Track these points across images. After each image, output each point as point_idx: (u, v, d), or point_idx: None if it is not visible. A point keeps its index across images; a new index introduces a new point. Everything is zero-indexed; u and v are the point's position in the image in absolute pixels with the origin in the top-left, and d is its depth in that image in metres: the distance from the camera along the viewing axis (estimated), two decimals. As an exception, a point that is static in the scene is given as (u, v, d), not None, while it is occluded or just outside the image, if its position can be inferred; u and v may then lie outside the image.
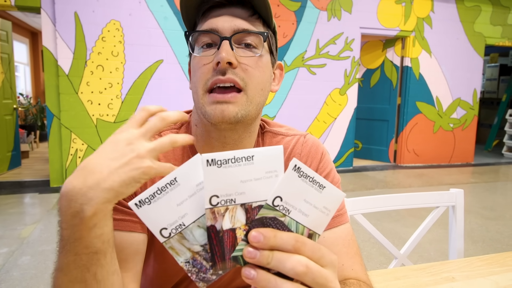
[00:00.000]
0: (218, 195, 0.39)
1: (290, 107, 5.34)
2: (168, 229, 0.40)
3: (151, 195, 0.39)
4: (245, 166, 0.38)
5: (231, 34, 0.66)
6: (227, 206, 0.39)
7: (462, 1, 6.12)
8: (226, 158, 0.38)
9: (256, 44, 0.68)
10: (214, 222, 0.39)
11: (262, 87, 0.69)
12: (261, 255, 0.37)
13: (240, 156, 0.38)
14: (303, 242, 0.39)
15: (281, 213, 0.40)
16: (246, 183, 0.39)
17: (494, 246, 3.03)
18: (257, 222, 0.40)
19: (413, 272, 0.92)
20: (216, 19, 0.67)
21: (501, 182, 5.44)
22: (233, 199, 0.39)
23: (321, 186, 0.40)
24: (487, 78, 9.12)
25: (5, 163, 5.11)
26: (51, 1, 4.27)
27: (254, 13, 0.69)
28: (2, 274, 2.43)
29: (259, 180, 0.39)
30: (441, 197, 1.28)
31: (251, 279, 0.37)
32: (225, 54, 0.63)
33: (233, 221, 0.39)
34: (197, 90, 0.68)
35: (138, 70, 4.64)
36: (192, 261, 0.41)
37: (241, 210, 0.39)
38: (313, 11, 5.32)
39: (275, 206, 0.39)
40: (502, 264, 0.96)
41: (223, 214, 0.39)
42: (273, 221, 0.40)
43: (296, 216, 0.40)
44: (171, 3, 4.66)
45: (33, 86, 9.36)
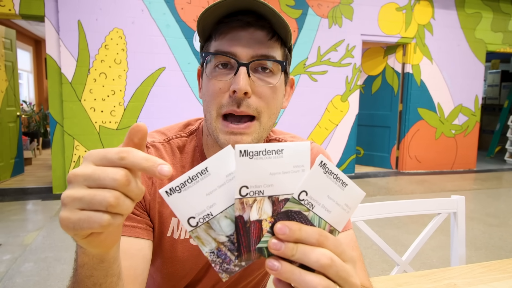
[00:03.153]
0: (248, 186, 0.39)
1: (292, 114, 5.35)
2: (196, 218, 0.40)
3: (182, 183, 0.39)
4: (275, 159, 0.39)
5: (249, 60, 0.65)
6: (255, 197, 0.40)
7: (463, 8, 6.14)
8: (257, 150, 0.39)
9: (273, 69, 0.68)
10: (242, 212, 0.40)
11: (274, 112, 0.70)
12: (286, 247, 0.38)
13: (270, 149, 0.39)
14: (326, 236, 0.40)
15: (305, 208, 0.41)
16: (274, 176, 0.40)
17: (497, 253, 3.01)
18: (282, 215, 0.40)
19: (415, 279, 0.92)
20: (234, 41, 0.65)
21: (504, 188, 5.42)
22: (262, 190, 0.40)
23: (344, 184, 0.41)
24: (489, 84, 9.13)
25: (8, 170, 5.13)
26: (54, 9, 4.32)
27: (274, 35, 0.67)
28: (5, 281, 2.43)
29: (287, 173, 0.40)
30: (443, 204, 1.28)
31: (275, 270, 0.38)
32: (242, 85, 0.63)
33: (260, 213, 0.40)
34: (210, 111, 0.68)
35: (141, 78, 4.67)
36: (217, 252, 0.42)
37: (268, 202, 0.40)
38: (314, 19, 5.35)
39: (300, 200, 0.41)
40: (504, 270, 0.97)
41: (251, 205, 0.40)
42: (298, 214, 0.41)
43: (319, 211, 0.42)
44: (173, 11, 4.70)
45: (36, 93, 9.42)
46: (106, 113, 4.59)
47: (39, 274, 2.53)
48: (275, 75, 0.68)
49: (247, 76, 0.64)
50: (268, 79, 0.67)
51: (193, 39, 4.79)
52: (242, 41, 0.65)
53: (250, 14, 0.65)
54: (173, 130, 0.81)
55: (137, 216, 0.71)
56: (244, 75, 0.64)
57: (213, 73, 0.67)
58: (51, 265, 2.67)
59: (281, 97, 0.72)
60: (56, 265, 2.67)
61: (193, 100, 4.89)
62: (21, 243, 3.07)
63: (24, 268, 2.61)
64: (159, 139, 0.78)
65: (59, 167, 4.54)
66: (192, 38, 4.79)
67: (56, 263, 2.71)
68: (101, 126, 4.58)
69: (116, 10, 4.49)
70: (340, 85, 5.60)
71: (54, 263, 2.70)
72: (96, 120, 4.56)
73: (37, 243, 3.07)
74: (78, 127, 4.51)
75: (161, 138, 0.78)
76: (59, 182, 4.56)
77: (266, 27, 0.66)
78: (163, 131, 0.81)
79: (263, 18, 0.66)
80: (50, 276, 2.51)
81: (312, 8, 5.32)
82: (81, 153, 4.55)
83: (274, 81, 0.68)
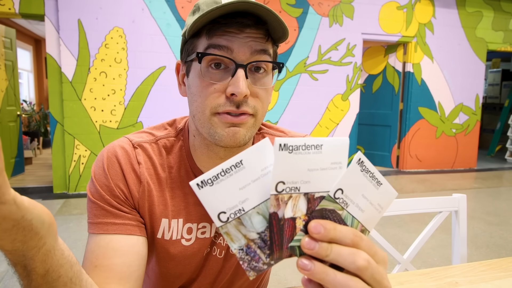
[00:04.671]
0: (285, 181, 0.37)
1: (292, 113, 5.35)
2: (227, 214, 0.39)
3: (215, 176, 0.38)
4: (314, 154, 0.38)
5: (247, 62, 0.64)
6: (291, 194, 0.38)
7: (464, 7, 6.14)
8: (297, 144, 0.37)
9: (267, 69, 0.68)
10: (277, 209, 0.38)
11: (266, 109, 0.71)
12: (320, 247, 0.37)
13: (310, 144, 0.37)
14: (361, 237, 0.39)
15: (340, 206, 0.40)
16: (312, 172, 0.38)
17: (498, 252, 3.01)
18: (317, 213, 0.39)
19: (417, 277, 0.92)
20: (231, 43, 0.64)
21: (505, 187, 5.41)
22: (298, 187, 0.38)
23: (379, 183, 0.40)
24: (489, 83, 9.12)
25: (8, 169, 5.13)
26: (55, 8, 4.32)
27: (269, 36, 0.67)
28: (5, 281, 2.43)
29: (324, 170, 0.39)
30: (444, 202, 1.28)
31: (308, 270, 0.37)
32: (243, 88, 0.62)
33: (295, 210, 0.39)
34: (203, 111, 0.66)
35: (141, 77, 4.67)
36: (246, 249, 0.40)
37: (303, 199, 0.39)
38: (315, 17, 5.34)
39: (335, 198, 0.39)
40: (506, 269, 0.96)
41: (286, 202, 0.38)
42: (332, 213, 0.39)
43: (353, 210, 0.40)
44: (173, 10, 4.69)
45: (36, 92, 9.43)
46: (107, 112, 4.59)
47: (39, 273, 2.53)
48: (269, 75, 0.69)
49: (245, 78, 0.63)
50: (264, 80, 0.68)
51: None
52: (239, 42, 0.64)
53: (249, 16, 0.64)
54: (160, 130, 0.81)
55: (126, 213, 0.70)
56: (243, 77, 0.63)
57: (207, 73, 0.65)
58: (52, 264, 2.66)
59: (271, 94, 0.72)
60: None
61: (193, 99, 4.88)
62: (21, 242, 3.07)
63: (24, 267, 2.61)
64: (147, 139, 0.77)
65: (60, 167, 4.54)
66: (193, 37, 4.78)
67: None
68: (102, 125, 4.58)
69: (116, 9, 4.48)
70: (340, 84, 5.59)
71: (54, 262, 2.69)
72: (97, 120, 4.56)
73: (37, 242, 3.07)
74: (79, 127, 4.51)
75: (149, 138, 0.77)
76: (59, 181, 4.56)
77: (263, 29, 0.66)
78: (151, 131, 0.80)
79: (261, 21, 0.65)
80: (50, 275, 2.51)
81: (313, 7, 5.31)
82: (82, 153, 4.55)
83: (268, 82, 0.68)
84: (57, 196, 4.47)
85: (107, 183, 0.70)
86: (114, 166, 0.71)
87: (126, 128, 4.65)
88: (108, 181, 0.70)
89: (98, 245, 0.66)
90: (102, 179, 0.70)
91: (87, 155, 4.57)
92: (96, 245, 0.67)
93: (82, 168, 4.56)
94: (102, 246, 0.66)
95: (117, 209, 0.69)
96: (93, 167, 0.73)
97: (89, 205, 0.71)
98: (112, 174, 0.71)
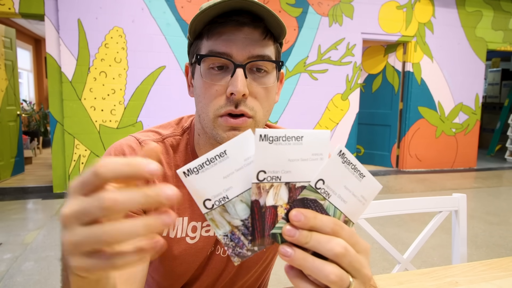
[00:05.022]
0: (266, 170, 0.39)
1: (292, 112, 5.35)
2: (212, 201, 0.40)
3: (200, 165, 0.39)
4: (294, 145, 0.39)
5: (246, 61, 0.65)
6: (272, 183, 0.40)
7: (463, 6, 6.14)
8: (277, 135, 0.38)
9: (268, 69, 0.68)
10: (259, 197, 0.40)
11: (268, 109, 0.71)
12: (300, 234, 0.38)
13: (290, 135, 0.39)
14: (341, 226, 0.40)
15: (321, 196, 0.41)
16: (293, 162, 0.40)
17: (498, 251, 3.01)
18: (298, 202, 0.40)
19: (417, 277, 0.92)
20: (230, 43, 0.65)
21: (504, 187, 5.42)
22: (279, 176, 0.40)
23: (361, 175, 0.41)
24: (489, 82, 9.12)
25: (8, 169, 5.13)
26: (54, 8, 4.32)
27: (268, 34, 0.67)
28: (6, 279, 2.43)
29: (305, 161, 0.40)
30: (444, 202, 1.28)
31: (288, 256, 0.38)
32: (240, 87, 0.63)
33: (276, 199, 0.40)
34: (207, 113, 0.68)
35: (141, 76, 4.67)
36: (231, 235, 0.42)
37: (285, 188, 0.40)
38: (314, 17, 5.34)
39: (317, 188, 0.40)
40: (506, 268, 0.96)
41: (267, 190, 0.40)
42: (313, 203, 0.41)
43: (335, 201, 0.41)
44: (173, 10, 4.69)
45: (36, 92, 9.42)
46: (106, 112, 4.58)
47: (39, 273, 2.54)
48: (269, 74, 0.69)
49: (244, 78, 0.64)
50: (264, 80, 0.68)
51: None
52: (237, 41, 0.65)
53: (245, 14, 0.64)
54: (167, 128, 0.81)
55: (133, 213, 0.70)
56: (241, 77, 0.64)
57: (208, 74, 0.67)
58: (52, 264, 2.67)
59: (274, 94, 0.72)
60: (56, 264, 2.67)
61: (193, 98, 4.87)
62: (21, 242, 3.07)
63: (24, 267, 2.61)
64: (154, 138, 0.78)
65: (60, 166, 4.54)
66: (192, 36, 4.78)
67: (57, 262, 2.71)
68: (101, 125, 4.58)
69: (116, 9, 4.48)
70: (340, 84, 5.59)
71: (54, 262, 2.70)
72: (96, 119, 4.56)
73: (37, 242, 3.08)
74: (78, 126, 4.51)
75: (156, 137, 0.78)
76: (59, 181, 4.56)
77: (260, 27, 0.66)
78: (157, 129, 0.81)
79: (258, 18, 0.65)
80: (50, 275, 2.51)
81: (313, 7, 5.31)
82: (81, 152, 4.55)
83: (269, 82, 0.69)
84: (57, 195, 4.47)
85: None
86: None
87: (126, 127, 4.65)
88: None
89: None
90: None
91: (87, 154, 4.57)
92: None
93: (82, 168, 4.56)
94: None
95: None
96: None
97: None
98: None
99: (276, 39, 0.70)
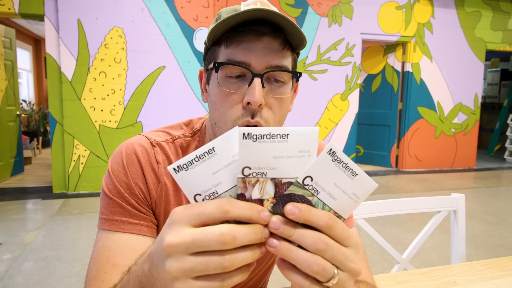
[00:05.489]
0: (251, 167, 0.40)
1: (292, 113, 5.29)
2: (202, 196, 0.41)
3: (189, 161, 0.40)
4: (279, 143, 0.40)
5: (264, 71, 0.65)
6: (258, 178, 0.40)
7: (463, 7, 6.14)
8: (261, 133, 0.39)
9: (285, 79, 0.68)
10: (244, 191, 0.41)
11: (280, 120, 0.71)
12: (284, 228, 0.39)
13: (275, 133, 0.39)
14: (335, 220, 0.40)
15: (309, 193, 0.41)
16: (278, 159, 0.40)
17: (497, 251, 3.02)
18: (285, 197, 0.41)
19: (415, 277, 0.92)
20: (249, 52, 0.64)
21: (504, 187, 5.42)
22: (264, 172, 0.40)
23: (354, 173, 0.41)
24: (488, 83, 9.13)
25: (8, 169, 5.13)
26: (54, 8, 4.32)
27: (287, 44, 0.67)
28: (5, 280, 2.43)
29: (291, 158, 0.40)
30: (443, 202, 1.29)
31: (274, 247, 0.39)
32: (258, 97, 0.63)
33: (262, 193, 0.41)
34: (225, 122, 0.68)
35: (141, 77, 4.67)
36: None
37: (270, 183, 0.41)
38: (314, 17, 5.35)
39: (305, 185, 0.41)
40: (504, 268, 0.97)
41: (253, 184, 0.40)
42: (301, 198, 0.41)
43: (324, 197, 0.42)
44: (173, 10, 4.69)
45: (35, 92, 9.42)
46: (106, 112, 4.59)
47: (39, 273, 2.54)
48: (286, 84, 0.69)
49: (261, 87, 0.64)
50: (280, 90, 0.68)
51: (193, 38, 4.79)
52: (256, 51, 0.64)
53: (266, 24, 0.64)
54: (176, 129, 0.82)
55: (143, 214, 0.71)
56: (259, 86, 0.63)
57: (225, 82, 0.67)
58: (51, 264, 2.67)
59: (288, 104, 0.72)
60: (56, 264, 2.68)
61: (193, 99, 4.89)
62: (21, 242, 3.07)
63: (24, 267, 2.62)
64: (164, 138, 0.78)
65: (59, 166, 4.55)
66: (192, 37, 4.79)
67: (56, 262, 2.71)
68: (101, 125, 4.58)
69: (116, 9, 4.48)
70: (340, 84, 5.60)
71: (54, 262, 2.70)
72: (96, 119, 4.56)
73: (37, 242, 3.08)
74: (78, 126, 4.51)
75: (166, 138, 0.78)
76: (59, 181, 4.56)
77: (280, 37, 0.66)
78: (167, 130, 0.81)
79: (279, 28, 0.65)
80: (50, 275, 2.52)
81: (312, 7, 5.32)
82: (81, 152, 4.55)
83: (285, 92, 0.69)
84: (56, 196, 4.47)
85: (127, 180, 0.71)
86: (134, 164, 0.72)
87: (125, 128, 4.66)
88: (128, 179, 0.71)
89: (116, 243, 0.67)
90: (121, 176, 0.71)
91: (87, 155, 4.57)
92: (113, 242, 0.67)
93: (82, 168, 4.56)
94: (120, 245, 0.67)
95: (134, 208, 0.70)
96: (111, 163, 0.73)
97: (105, 201, 0.71)
98: (132, 172, 0.71)
99: (293, 49, 0.70)
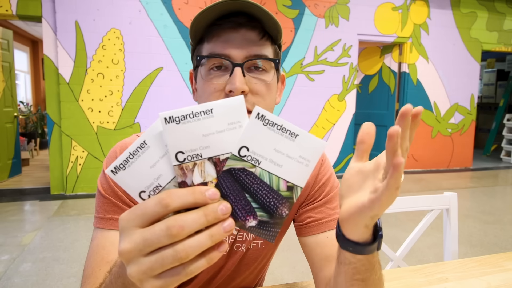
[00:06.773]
0: (183, 151, 0.38)
1: (288, 113, 5.37)
2: (146, 192, 0.40)
3: (124, 160, 0.39)
4: (204, 120, 0.38)
5: (243, 60, 0.67)
6: (194, 161, 0.39)
7: (458, 8, 6.18)
8: (184, 114, 0.38)
9: (266, 68, 0.70)
10: (184, 178, 0.39)
11: (269, 107, 0.72)
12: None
13: (198, 111, 0.38)
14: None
15: (250, 164, 0.39)
16: (209, 137, 0.39)
17: (492, 250, 3.04)
18: (225, 174, 0.39)
19: (408, 273, 0.94)
20: (228, 44, 0.67)
21: (500, 186, 5.46)
22: (199, 153, 0.39)
23: (293, 134, 0.39)
24: (485, 83, 9.17)
25: (5, 170, 5.13)
26: (52, 10, 4.32)
27: (264, 34, 0.69)
28: (3, 281, 2.44)
29: (222, 132, 0.39)
30: (435, 200, 1.31)
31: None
32: (239, 84, 0.65)
33: (204, 175, 0.39)
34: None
35: (138, 78, 4.68)
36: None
37: (209, 164, 0.39)
38: (311, 18, 5.37)
39: (242, 156, 0.39)
40: (495, 265, 0.99)
41: (192, 169, 0.39)
42: (243, 172, 0.39)
43: (267, 166, 0.40)
44: (170, 12, 4.71)
45: (33, 94, 9.41)
46: (104, 114, 4.59)
47: (37, 274, 2.54)
48: (268, 72, 0.71)
49: (242, 76, 0.66)
50: (262, 77, 0.70)
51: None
52: (235, 42, 0.67)
53: (242, 15, 0.67)
54: None
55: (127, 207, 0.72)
56: (239, 75, 0.66)
57: (208, 75, 0.69)
58: (49, 265, 2.68)
59: (274, 93, 0.74)
60: (54, 265, 2.68)
61: (190, 100, 4.90)
62: (19, 244, 3.08)
63: (22, 268, 2.62)
64: None
65: (57, 168, 4.55)
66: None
67: (54, 263, 2.72)
68: (99, 126, 4.59)
69: (114, 11, 4.49)
70: (337, 85, 5.62)
71: (52, 263, 2.71)
72: (94, 121, 4.57)
73: (35, 243, 3.08)
74: (76, 128, 4.52)
75: None
76: (56, 182, 4.57)
77: (257, 27, 0.68)
78: None
79: (255, 19, 0.68)
80: (48, 276, 2.52)
81: (309, 8, 5.34)
82: (79, 154, 4.55)
83: (268, 78, 0.70)
84: (54, 197, 4.48)
85: None
86: None
87: (123, 129, 4.66)
88: None
89: (110, 241, 0.68)
90: None
91: (84, 156, 4.57)
92: (107, 240, 0.69)
93: (79, 169, 4.56)
94: (115, 243, 0.68)
95: (129, 206, 0.71)
96: (106, 163, 0.74)
97: (100, 200, 0.72)
98: None
99: (274, 41, 0.73)
